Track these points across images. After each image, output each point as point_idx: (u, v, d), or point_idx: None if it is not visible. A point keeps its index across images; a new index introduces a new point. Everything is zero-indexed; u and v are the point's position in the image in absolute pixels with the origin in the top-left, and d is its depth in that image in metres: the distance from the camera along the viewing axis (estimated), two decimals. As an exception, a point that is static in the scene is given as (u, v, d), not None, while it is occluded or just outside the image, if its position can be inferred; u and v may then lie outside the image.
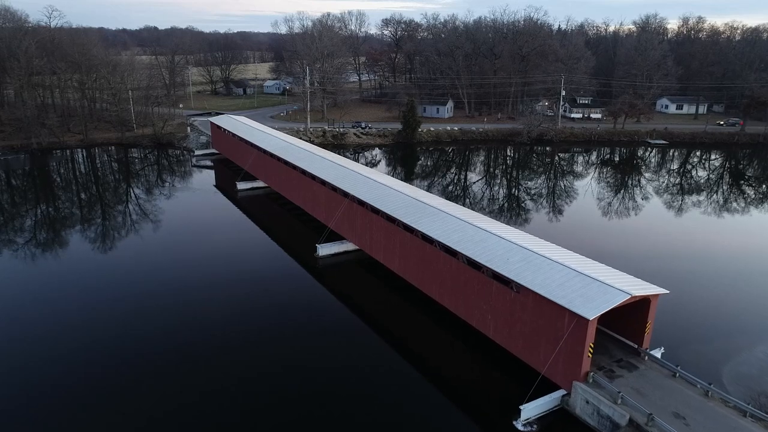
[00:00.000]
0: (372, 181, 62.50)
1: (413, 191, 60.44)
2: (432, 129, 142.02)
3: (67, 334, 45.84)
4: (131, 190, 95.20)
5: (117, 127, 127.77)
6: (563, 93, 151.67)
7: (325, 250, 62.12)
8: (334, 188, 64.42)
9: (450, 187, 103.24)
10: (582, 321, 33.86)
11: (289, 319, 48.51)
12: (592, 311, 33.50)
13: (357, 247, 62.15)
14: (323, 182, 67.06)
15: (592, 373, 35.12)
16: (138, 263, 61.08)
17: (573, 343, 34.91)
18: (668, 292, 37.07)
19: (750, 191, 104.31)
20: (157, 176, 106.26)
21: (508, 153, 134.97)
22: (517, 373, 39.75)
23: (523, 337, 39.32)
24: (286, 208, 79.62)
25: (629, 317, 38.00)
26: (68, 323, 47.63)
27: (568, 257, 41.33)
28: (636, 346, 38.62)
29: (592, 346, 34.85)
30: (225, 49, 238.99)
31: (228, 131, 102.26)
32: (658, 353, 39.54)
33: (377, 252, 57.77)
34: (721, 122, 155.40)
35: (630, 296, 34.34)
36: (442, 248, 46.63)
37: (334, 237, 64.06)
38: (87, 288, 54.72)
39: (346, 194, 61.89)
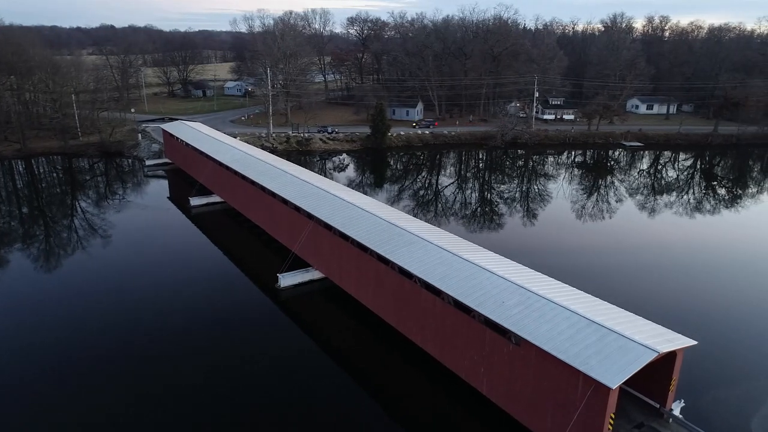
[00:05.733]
0: (340, 200, 55.23)
1: (388, 212, 53.31)
2: (402, 133, 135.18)
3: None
4: (77, 204, 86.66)
5: (59, 135, 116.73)
6: (537, 94, 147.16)
7: (287, 280, 54.45)
8: (297, 208, 56.97)
9: (421, 192, 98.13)
10: (602, 389, 27.61)
11: (247, 381, 41.10)
12: (614, 377, 27.24)
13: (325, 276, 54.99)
14: (285, 201, 59.54)
15: (612, 449, 28.99)
16: (84, 283, 56.57)
17: (590, 413, 28.63)
18: (696, 343, 31.14)
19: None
20: (105, 189, 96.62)
21: (481, 156, 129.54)
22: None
23: (524, 398, 32.90)
24: (245, 227, 71.64)
25: (649, 372, 31.83)
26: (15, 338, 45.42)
27: (575, 298, 35.08)
28: (657, 406, 32.68)
29: (613, 416, 28.68)
30: (182, 48, 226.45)
31: (181, 140, 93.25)
32: (677, 408, 33.69)
33: (348, 284, 50.64)
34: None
35: (657, 354, 28.28)
36: (423, 285, 39.91)
37: (298, 262, 56.62)
38: (30, 307, 50.69)
39: (310, 216, 54.54)
